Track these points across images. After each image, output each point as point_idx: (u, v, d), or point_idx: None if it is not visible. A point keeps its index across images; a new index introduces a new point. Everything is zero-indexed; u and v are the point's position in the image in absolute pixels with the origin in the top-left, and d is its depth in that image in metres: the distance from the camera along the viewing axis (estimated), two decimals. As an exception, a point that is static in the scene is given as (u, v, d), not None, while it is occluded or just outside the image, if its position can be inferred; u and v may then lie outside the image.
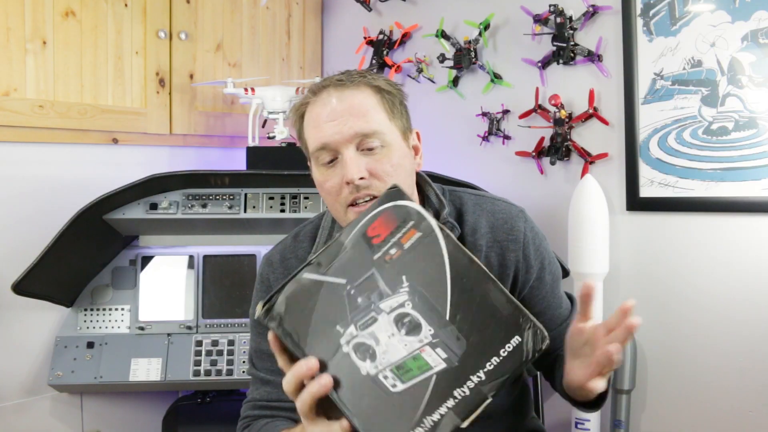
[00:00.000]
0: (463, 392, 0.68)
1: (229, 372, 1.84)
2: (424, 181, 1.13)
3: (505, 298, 0.71)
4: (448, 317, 0.71)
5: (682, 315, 1.73)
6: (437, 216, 1.07)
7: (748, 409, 1.63)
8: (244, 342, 1.88)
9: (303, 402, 0.74)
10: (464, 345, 0.69)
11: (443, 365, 0.69)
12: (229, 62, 2.28)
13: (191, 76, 2.16)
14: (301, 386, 0.74)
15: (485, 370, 0.69)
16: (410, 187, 1.05)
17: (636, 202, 1.78)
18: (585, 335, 0.87)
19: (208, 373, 1.84)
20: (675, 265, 1.74)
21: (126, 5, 2.00)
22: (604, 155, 1.84)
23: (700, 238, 1.70)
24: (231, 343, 1.89)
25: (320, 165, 1.03)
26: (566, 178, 1.93)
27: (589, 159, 1.85)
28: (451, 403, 0.68)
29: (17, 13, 1.77)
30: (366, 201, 1.00)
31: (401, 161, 1.03)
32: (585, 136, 1.88)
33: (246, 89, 1.98)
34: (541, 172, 1.98)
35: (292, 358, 0.75)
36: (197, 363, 1.85)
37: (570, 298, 1.21)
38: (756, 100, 1.58)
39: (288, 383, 0.75)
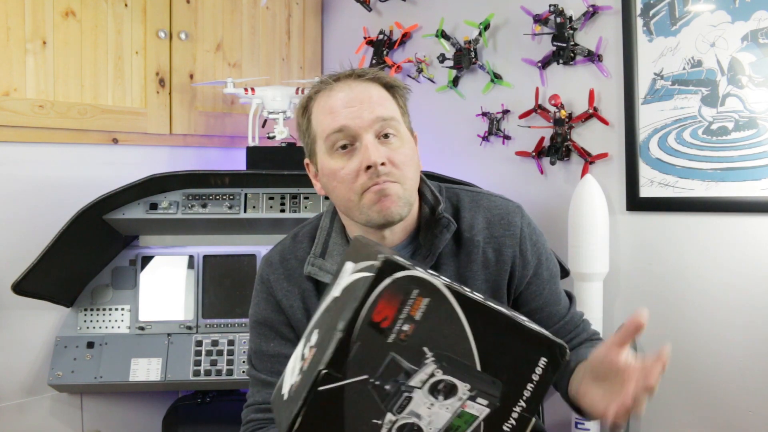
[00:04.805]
0: (511, 423, 0.71)
1: (229, 372, 1.84)
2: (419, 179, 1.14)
3: (521, 328, 0.72)
4: (479, 368, 0.71)
5: (682, 315, 1.73)
6: (433, 212, 1.08)
7: (747, 409, 1.63)
8: (244, 342, 1.88)
9: None
10: (500, 385, 0.71)
11: (487, 410, 0.71)
12: (229, 62, 2.28)
13: (191, 76, 2.16)
14: None
15: (524, 398, 0.71)
16: (416, 182, 1.06)
17: (636, 202, 1.78)
18: (617, 365, 0.86)
19: (208, 373, 1.84)
20: (675, 265, 1.74)
21: (126, 5, 2.00)
22: (604, 155, 1.84)
23: (700, 238, 1.70)
24: (231, 343, 1.89)
25: (334, 152, 1.02)
26: (566, 178, 1.93)
27: (589, 159, 1.85)
28: None
29: (17, 13, 1.77)
30: (388, 182, 0.99)
31: (412, 154, 1.05)
32: (585, 136, 1.88)
33: (246, 89, 1.98)
34: (541, 172, 1.98)
35: None
36: (197, 363, 1.85)
37: (569, 295, 1.20)
38: (756, 100, 1.58)
39: None
